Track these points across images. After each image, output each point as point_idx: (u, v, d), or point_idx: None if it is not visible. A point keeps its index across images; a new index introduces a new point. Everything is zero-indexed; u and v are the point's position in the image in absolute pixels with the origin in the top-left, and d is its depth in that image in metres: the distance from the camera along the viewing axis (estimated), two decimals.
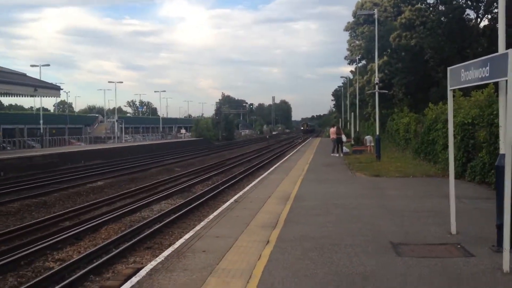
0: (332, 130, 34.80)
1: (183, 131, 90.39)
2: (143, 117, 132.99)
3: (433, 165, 21.44)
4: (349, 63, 66.97)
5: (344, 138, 33.41)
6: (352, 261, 7.39)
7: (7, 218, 15.29)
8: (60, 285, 8.24)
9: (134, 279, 6.84)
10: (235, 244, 8.67)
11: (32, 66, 68.24)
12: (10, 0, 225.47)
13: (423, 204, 12.63)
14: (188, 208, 15.78)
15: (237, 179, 23.89)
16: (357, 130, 54.13)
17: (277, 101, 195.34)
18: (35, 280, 8.53)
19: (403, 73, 38.90)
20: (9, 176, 25.66)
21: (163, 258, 7.82)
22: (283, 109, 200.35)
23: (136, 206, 16.33)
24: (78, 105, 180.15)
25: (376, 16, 29.65)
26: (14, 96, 37.63)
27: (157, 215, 14.63)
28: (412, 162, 24.09)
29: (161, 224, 13.27)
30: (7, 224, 14.35)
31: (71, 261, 9.74)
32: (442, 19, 35.87)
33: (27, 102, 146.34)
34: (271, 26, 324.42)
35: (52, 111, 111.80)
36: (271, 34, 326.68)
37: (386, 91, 36.61)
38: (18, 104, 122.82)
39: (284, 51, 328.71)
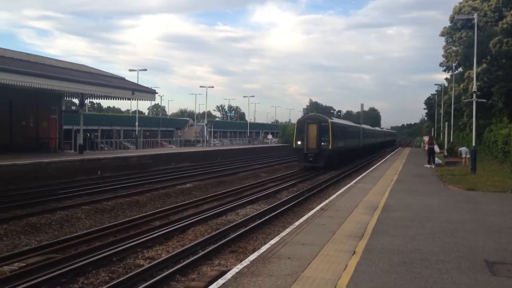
0: (426, 139, 33.74)
1: (269, 136, 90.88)
2: (231, 122, 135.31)
3: None
4: (444, 70, 64.19)
5: (436, 148, 32.14)
6: (443, 278, 7.04)
7: (102, 215, 16.12)
8: (147, 283, 8.51)
9: (220, 281, 6.90)
10: (321, 252, 8.55)
11: (130, 70, 71.65)
12: (111, 7, 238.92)
13: None
14: (273, 214, 15.83)
15: (322, 186, 23.68)
16: (451, 140, 51.88)
17: (366, 108, 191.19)
18: (125, 277, 8.88)
19: (504, 81, 36.84)
20: (106, 175, 27.04)
21: (248, 262, 7.85)
22: (372, 116, 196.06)
23: (222, 209, 16.62)
24: (171, 109, 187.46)
25: (475, 21, 28.26)
26: (114, 99, 39.51)
27: (242, 219, 14.81)
28: (511, 176, 22.69)
29: (246, 228, 13.39)
30: (102, 221, 15.15)
31: (160, 260, 10.06)
32: None
33: (123, 104, 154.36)
34: (362, 31, 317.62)
35: (146, 114, 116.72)
36: (362, 40, 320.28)
37: (485, 100, 34.86)
38: (116, 107, 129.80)
39: (375, 57, 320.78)
